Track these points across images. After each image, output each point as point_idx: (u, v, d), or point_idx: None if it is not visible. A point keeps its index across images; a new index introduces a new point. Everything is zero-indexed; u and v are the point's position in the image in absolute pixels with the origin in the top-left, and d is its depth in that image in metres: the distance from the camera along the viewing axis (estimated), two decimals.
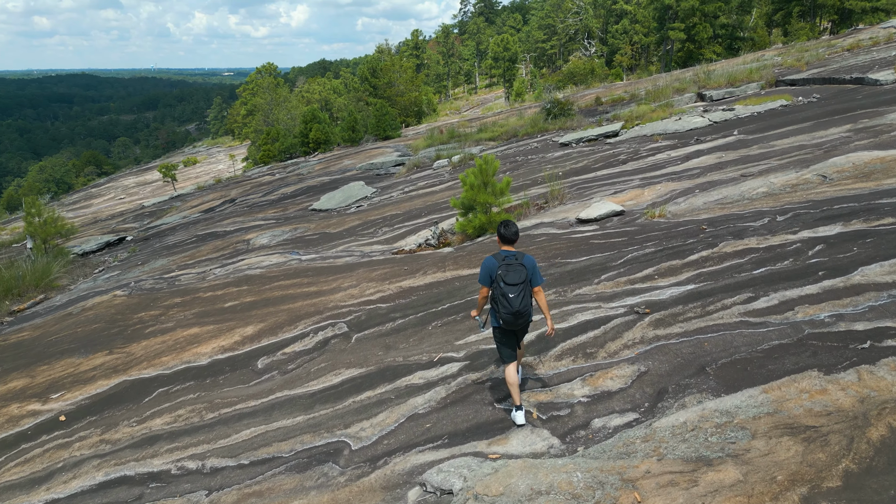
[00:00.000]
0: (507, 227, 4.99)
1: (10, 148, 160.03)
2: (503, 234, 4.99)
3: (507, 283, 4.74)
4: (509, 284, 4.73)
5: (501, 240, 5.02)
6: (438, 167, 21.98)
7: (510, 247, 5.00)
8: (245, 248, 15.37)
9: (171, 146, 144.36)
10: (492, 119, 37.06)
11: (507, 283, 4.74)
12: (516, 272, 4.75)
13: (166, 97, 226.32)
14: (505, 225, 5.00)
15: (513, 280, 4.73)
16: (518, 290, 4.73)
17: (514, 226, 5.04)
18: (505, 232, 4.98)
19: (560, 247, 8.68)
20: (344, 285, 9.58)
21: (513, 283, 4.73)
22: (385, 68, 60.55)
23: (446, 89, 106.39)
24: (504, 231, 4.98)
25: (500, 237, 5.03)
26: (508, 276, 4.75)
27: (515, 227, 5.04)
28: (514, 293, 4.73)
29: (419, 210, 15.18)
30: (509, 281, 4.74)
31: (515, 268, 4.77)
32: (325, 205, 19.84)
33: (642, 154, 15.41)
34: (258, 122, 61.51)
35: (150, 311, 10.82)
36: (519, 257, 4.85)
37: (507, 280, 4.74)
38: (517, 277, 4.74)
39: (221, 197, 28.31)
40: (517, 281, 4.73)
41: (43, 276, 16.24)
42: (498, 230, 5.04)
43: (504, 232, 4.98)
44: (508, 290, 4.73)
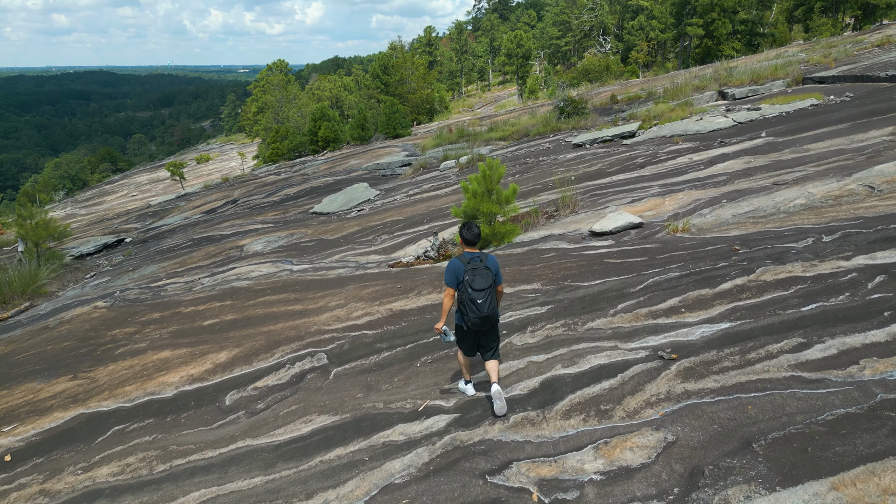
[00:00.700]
0: (468, 229, 5.02)
1: (27, 144, 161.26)
2: (464, 237, 5.03)
3: (475, 288, 4.77)
4: (477, 290, 4.77)
5: (463, 242, 5.05)
6: (445, 168, 21.04)
7: (473, 248, 5.04)
8: (237, 256, 14.54)
9: (185, 143, 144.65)
10: (503, 117, 36.03)
11: (474, 288, 4.77)
12: (483, 277, 4.79)
13: (182, 94, 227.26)
14: (467, 227, 5.03)
15: (480, 285, 4.77)
16: (485, 295, 4.78)
17: (476, 227, 5.05)
18: (466, 234, 5.02)
19: (571, 266, 7.70)
20: (331, 304, 8.67)
21: (480, 288, 4.77)
22: (397, 65, 59.68)
23: (459, 86, 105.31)
24: (466, 234, 5.02)
25: (462, 240, 5.06)
26: (476, 281, 4.78)
27: (477, 230, 5.05)
28: (482, 298, 4.77)
29: (421, 216, 14.25)
30: (477, 286, 4.77)
31: (481, 272, 4.81)
32: (327, 208, 18.98)
33: (661, 157, 14.36)
34: (268, 119, 60.92)
35: (125, 327, 10.00)
36: (483, 258, 4.90)
37: (475, 286, 4.77)
38: (484, 283, 4.78)
39: (224, 197, 27.59)
40: (484, 286, 4.77)
41: (30, 282, 15.53)
42: (460, 232, 5.06)
43: (466, 235, 5.02)
44: (476, 295, 4.76)
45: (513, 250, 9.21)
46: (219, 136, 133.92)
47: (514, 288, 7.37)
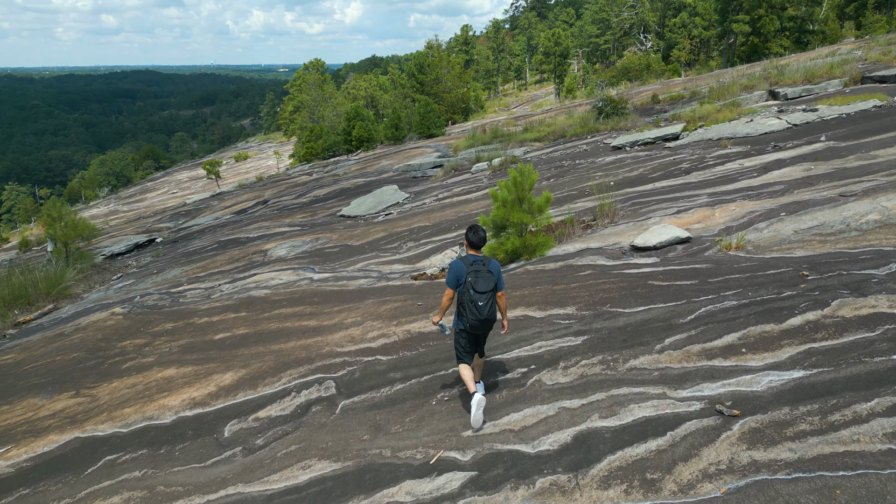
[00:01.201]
0: (474, 232, 5.06)
1: (76, 141, 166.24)
2: (470, 240, 5.07)
3: (477, 290, 4.81)
4: (478, 292, 4.81)
5: (469, 244, 5.09)
6: (477, 171, 20.29)
7: (476, 251, 5.07)
8: (260, 261, 14.08)
9: (225, 141, 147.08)
10: (539, 117, 35.06)
11: (476, 290, 4.81)
12: (485, 280, 4.84)
13: (223, 93, 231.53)
14: (473, 230, 5.06)
15: (482, 288, 4.81)
16: (486, 298, 4.83)
17: (482, 231, 5.09)
18: (472, 238, 5.05)
19: (610, 288, 6.89)
20: (347, 321, 8.04)
21: (482, 290, 4.81)
22: (432, 64, 59.09)
23: (496, 85, 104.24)
24: (472, 237, 5.05)
25: (467, 242, 5.10)
26: (478, 283, 4.82)
27: (483, 233, 5.09)
28: (483, 301, 4.82)
29: (449, 223, 13.55)
30: (479, 289, 4.81)
31: (484, 275, 4.86)
32: (354, 211, 18.45)
33: (709, 162, 13.34)
34: (303, 118, 61.03)
35: (136, 338, 9.57)
36: (486, 262, 4.96)
37: (477, 288, 4.81)
38: (486, 285, 4.83)
39: (256, 198, 27.39)
40: (486, 289, 4.82)
41: (54, 284, 15.38)
42: (466, 235, 5.09)
43: (471, 238, 5.05)
44: (478, 297, 4.81)
45: (545, 265, 8.42)
46: (258, 135, 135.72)
47: (545, 311, 6.61)
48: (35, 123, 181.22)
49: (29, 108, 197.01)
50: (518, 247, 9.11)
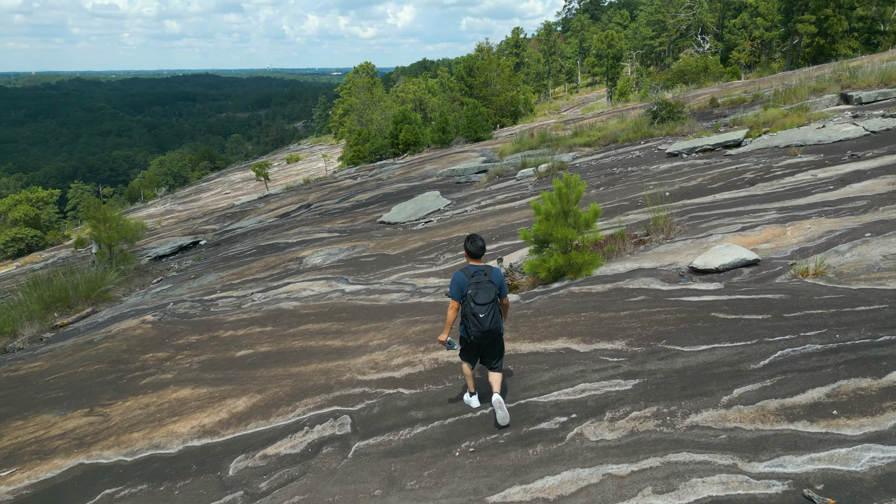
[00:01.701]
0: (472, 242, 5.00)
1: (139, 142, 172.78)
2: (469, 250, 5.02)
3: (478, 302, 4.75)
4: (479, 304, 4.75)
5: (468, 255, 5.04)
6: (522, 177, 19.48)
7: (477, 262, 5.01)
8: (295, 269, 13.68)
9: (279, 143, 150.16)
10: (590, 121, 33.89)
11: (476, 302, 4.75)
12: (486, 291, 4.78)
13: (278, 96, 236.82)
14: (471, 240, 5.01)
15: (483, 300, 4.76)
16: (488, 310, 4.76)
17: (480, 240, 5.02)
18: (471, 248, 5.00)
19: (666, 319, 6.04)
20: (372, 343, 7.43)
21: (483, 302, 4.75)
22: (482, 67, 58.41)
23: (546, 88, 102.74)
24: (470, 247, 5.01)
25: (466, 252, 5.05)
26: (479, 295, 4.77)
27: (481, 242, 5.02)
28: (485, 312, 4.76)
29: (490, 233, 12.81)
30: (479, 301, 4.76)
31: (485, 286, 4.80)
32: (395, 217, 17.93)
33: (776, 172, 12.19)
34: (352, 121, 61.27)
35: (160, 350, 9.22)
36: (488, 272, 4.91)
37: (478, 300, 4.76)
38: (487, 297, 4.77)
39: (300, 201, 27.28)
40: (487, 300, 4.76)
41: (94, 286, 15.38)
42: (465, 245, 5.04)
43: (470, 248, 5.01)
44: (479, 309, 4.75)
45: (591, 287, 7.61)
46: (309, 137, 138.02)
47: (590, 345, 5.81)
48: (101, 125, 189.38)
49: (95, 110, 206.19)
50: (562, 265, 8.31)
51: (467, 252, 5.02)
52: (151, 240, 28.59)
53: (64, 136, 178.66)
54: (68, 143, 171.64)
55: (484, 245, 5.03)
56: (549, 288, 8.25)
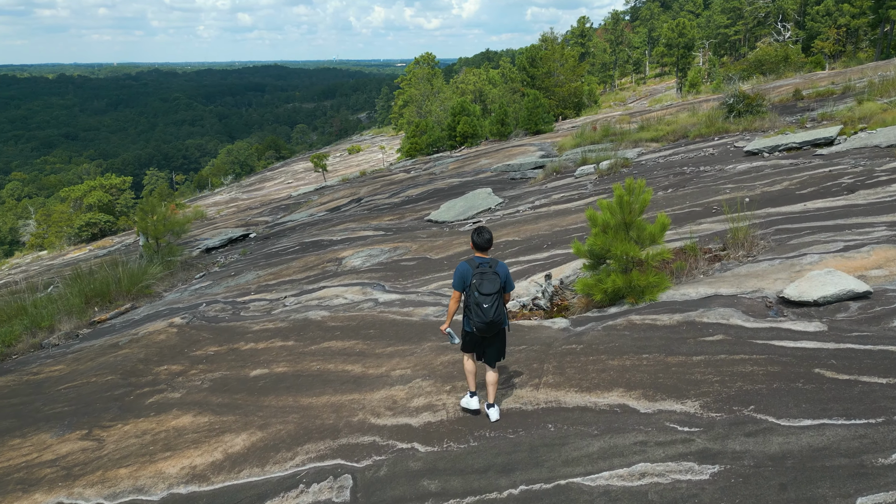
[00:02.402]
0: (479, 234, 4.98)
1: (210, 131, 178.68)
2: (476, 242, 4.99)
3: (482, 292, 4.76)
4: (484, 294, 4.76)
5: (474, 247, 5.03)
6: (582, 175, 18.07)
7: (483, 254, 5.00)
8: (333, 271, 12.90)
9: (342, 133, 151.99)
10: (658, 113, 31.83)
11: (481, 292, 4.76)
12: (491, 282, 4.79)
13: (343, 87, 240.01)
14: (478, 232, 4.99)
15: (487, 290, 4.76)
16: (492, 300, 4.77)
17: (488, 233, 4.99)
18: (478, 240, 4.98)
19: (753, 371, 4.75)
20: (394, 373, 6.44)
21: (487, 293, 4.76)
22: (545, 57, 56.53)
23: (612, 79, 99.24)
24: (477, 239, 4.98)
25: (472, 244, 5.03)
26: (483, 285, 4.77)
27: (488, 235, 4.99)
28: (489, 303, 4.75)
29: (542, 239, 11.61)
30: (484, 291, 4.76)
31: (490, 276, 4.81)
32: (443, 215, 16.93)
33: (881, 177, 10.44)
34: (411, 113, 60.62)
35: (176, 363, 8.56)
36: (493, 264, 4.90)
37: (482, 290, 4.76)
38: (491, 287, 4.77)
39: (351, 195, 26.70)
40: (491, 291, 4.76)
41: (136, 281, 15.10)
42: (471, 237, 5.02)
43: (477, 240, 4.98)
44: (483, 299, 4.76)
45: (656, 318, 6.34)
46: (372, 128, 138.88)
47: (653, 403, 4.61)
48: (176, 114, 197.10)
49: (171, 99, 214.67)
50: (621, 287, 7.06)
51: (473, 244, 4.99)
52: (207, 229, 28.76)
53: (142, 125, 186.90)
54: (145, 131, 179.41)
55: (491, 238, 4.99)
56: (605, 313, 7.04)
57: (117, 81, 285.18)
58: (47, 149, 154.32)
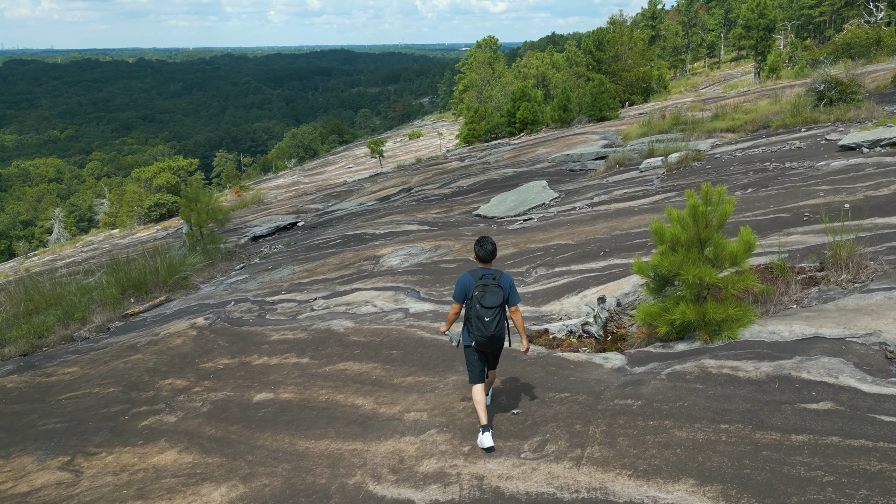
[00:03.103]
0: (481, 245, 4.85)
1: (277, 115, 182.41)
2: (478, 254, 4.86)
3: (484, 305, 4.62)
4: (485, 307, 4.62)
5: (477, 258, 4.88)
6: (647, 168, 16.42)
7: (487, 265, 4.86)
8: (368, 271, 11.96)
9: (404, 118, 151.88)
10: (733, 100, 29.34)
11: (483, 305, 4.62)
12: (493, 294, 4.64)
13: (407, 71, 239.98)
14: (480, 243, 4.85)
15: (489, 303, 4.62)
16: (494, 314, 4.62)
17: (490, 244, 4.85)
18: (480, 252, 4.85)
19: (882, 471, 3.40)
20: (408, 417, 5.37)
21: (489, 305, 4.62)
22: (612, 40, 53.90)
23: (683, 63, 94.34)
24: (479, 251, 4.85)
25: (475, 256, 4.89)
26: (485, 298, 4.63)
27: (491, 246, 4.85)
28: (490, 316, 4.62)
29: (599, 244, 10.24)
30: (486, 304, 4.62)
31: (492, 289, 4.66)
32: (492, 210, 15.72)
33: None
34: (471, 98, 59.18)
35: (182, 376, 7.80)
36: (497, 276, 4.76)
37: (484, 303, 4.62)
38: (494, 300, 4.63)
39: (402, 184, 25.79)
40: (493, 304, 4.62)
41: (173, 272, 14.66)
42: (474, 248, 4.87)
43: (479, 252, 4.85)
44: (484, 312, 4.62)
45: (737, 367, 4.98)
46: (433, 113, 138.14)
47: None
48: (245, 98, 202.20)
49: (242, 83, 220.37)
50: (691, 319, 5.72)
51: (476, 256, 4.87)
52: (260, 215, 28.58)
53: (213, 108, 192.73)
54: (217, 114, 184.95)
55: (494, 249, 4.85)
56: (671, 350, 5.72)
57: (192, 66, 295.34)
58: (126, 130, 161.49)
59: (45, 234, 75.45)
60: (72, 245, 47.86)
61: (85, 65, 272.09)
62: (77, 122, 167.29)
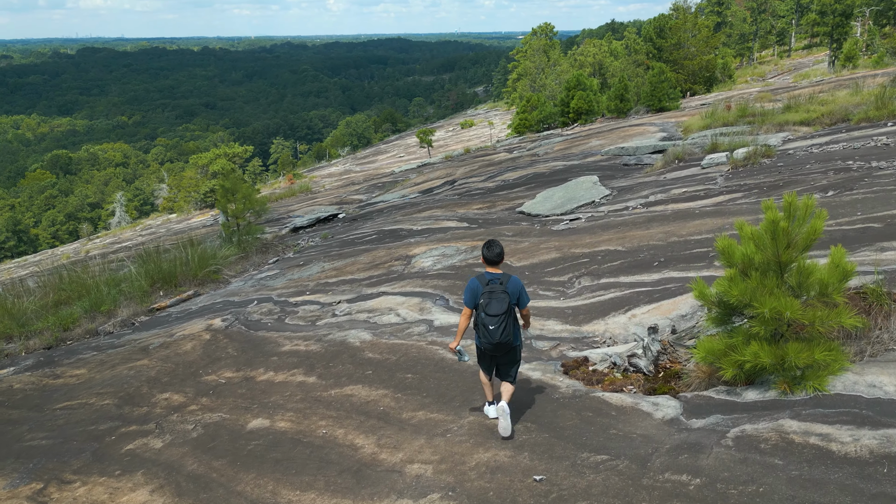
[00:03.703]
0: (489, 248, 4.78)
1: (333, 103, 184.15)
2: (485, 256, 4.78)
3: (488, 313, 4.56)
4: (490, 315, 4.55)
5: (485, 261, 4.80)
6: (710, 165, 14.95)
7: (495, 268, 4.77)
8: (398, 273, 11.13)
9: (458, 107, 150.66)
10: (806, 90, 27.08)
11: (487, 313, 4.56)
12: (499, 302, 4.56)
13: (462, 60, 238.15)
14: (488, 246, 4.79)
15: (494, 311, 4.54)
16: (498, 322, 4.54)
17: (498, 247, 4.80)
18: (487, 254, 4.77)
19: None
20: (410, 470, 4.47)
21: (494, 313, 4.54)
22: (675, 27, 51.25)
23: (750, 52, 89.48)
24: (487, 253, 4.78)
25: (483, 258, 4.81)
26: (490, 305, 4.56)
27: (499, 249, 4.79)
28: (495, 324, 4.55)
29: (653, 252, 9.06)
30: (490, 312, 4.56)
31: (498, 296, 4.57)
32: (537, 207, 14.62)
33: None
34: (523, 87, 57.56)
35: (181, 390, 7.15)
36: (504, 281, 4.66)
37: (489, 311, 4.56)
38: (499, 308, 4.55)
39: (446, 176, 24.87)
40: (498, 312, 4.54)
41: (203, 264, 14.22)
42: (482, 251, 4.80)
43: (487, 254, 4.78)
44: (489, 321, 4.56)
45: (829, 436, 3.85)
46: (487, 102, 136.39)
47: None
48: (303, 86, 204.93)
49: (300, 72, 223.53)
50: (766, 363, 4.58)
51: (484, 258, 4.77)
52: (304, 204, 28.27)
53: (272, 96, 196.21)
54: (275, 101, 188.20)
55: (502, 252, 4.77)
56: (738, 399, 4.62)
57: (253, 54, 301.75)
58: (189, 117, 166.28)
59: (110, 217, 78.27)
60: (132, 228, 49.26)
61: (153, 53, 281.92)
62: (144, 109, 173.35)
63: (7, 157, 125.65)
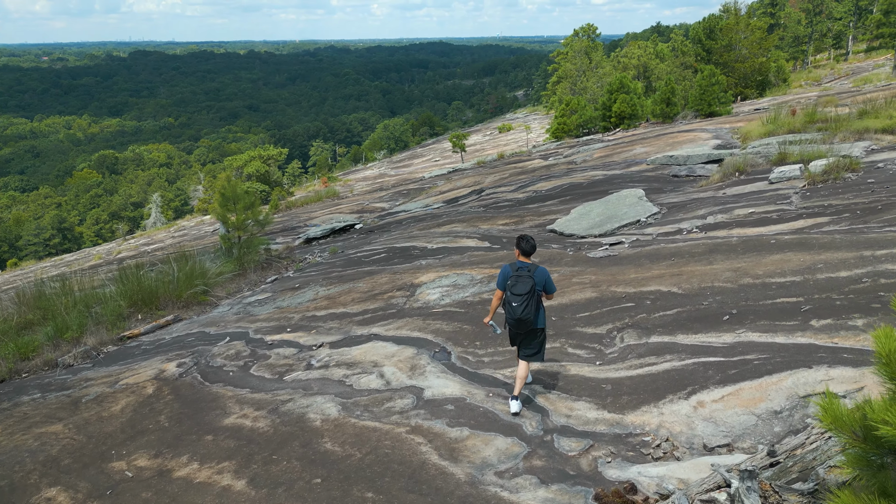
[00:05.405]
0: (525, 240, 5.37)
1: (374, 106, 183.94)
2: (521, 247, 5.37)
3: (513, 293, 5.18)
4: (515, 294, 5.17)
5: (519, 251, 5.38)
6: (780, 178, 12.55)
7: (526, 258, 5.38)
8: (397, 308, 9.16)
9: (498, 111, 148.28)
10: (875, 94, 24.07)
11: (513, 292, 5.18)
12: (524, 283, 5.16)
13: (503, 64, 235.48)
14: (525, 239, 5.36)
15: (519, 291, 5.16)
16: (522, 300, 5.15)
17: (532, 240, 5.40)
18: (524, 246, 5.37)
19: None
20: None
21: (518, 293, 5.16)
22: (726, 28, 48.10)
23: (805, 55, 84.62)
24: (523, 245, 5.37)
25: (517, 250, 5.39)
26: (516, 286, 5.18)
27: (533, 242, 5.40)
28: (518, 302, 5.15)
29: (721, 297, 6.85)
30: (515, 291, 5.17)
31: (524, 279, 5.18)
32: (571, 225, 12.48)
33: None
34: (563, 89, 55.04)
35: (70, 487, 5.33)
36: (531, 269, 5.26)
37: (514, 290, 5.18)
38: (523, 288, 5.15)
39: (474, 184, 22.85)
40: (523, 291, 5.14)
41: (188, 285, 12.54)
42: (517, 243, 5.39)
43: (523, 246, 5.37)
44: (513, 298, 5.18)
45: None
46: (527, 106, 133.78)
47: None
48: (345, 89, 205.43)
49: (342, 75, 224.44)
50: None
51: (519, 249, 5.35)
52: (327, 211, 26.64)
53: (314, 99, 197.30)
54: (316, 104, 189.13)
55: (535, 245, 5.44)
56: None
57: (297, 57, 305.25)
58: (233, 119, 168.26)
59: (147, 217, 78.78)
60: (166, 229, 48.71)
61: (201, 56, 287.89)
62: (190, 111, 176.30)
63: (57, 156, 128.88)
